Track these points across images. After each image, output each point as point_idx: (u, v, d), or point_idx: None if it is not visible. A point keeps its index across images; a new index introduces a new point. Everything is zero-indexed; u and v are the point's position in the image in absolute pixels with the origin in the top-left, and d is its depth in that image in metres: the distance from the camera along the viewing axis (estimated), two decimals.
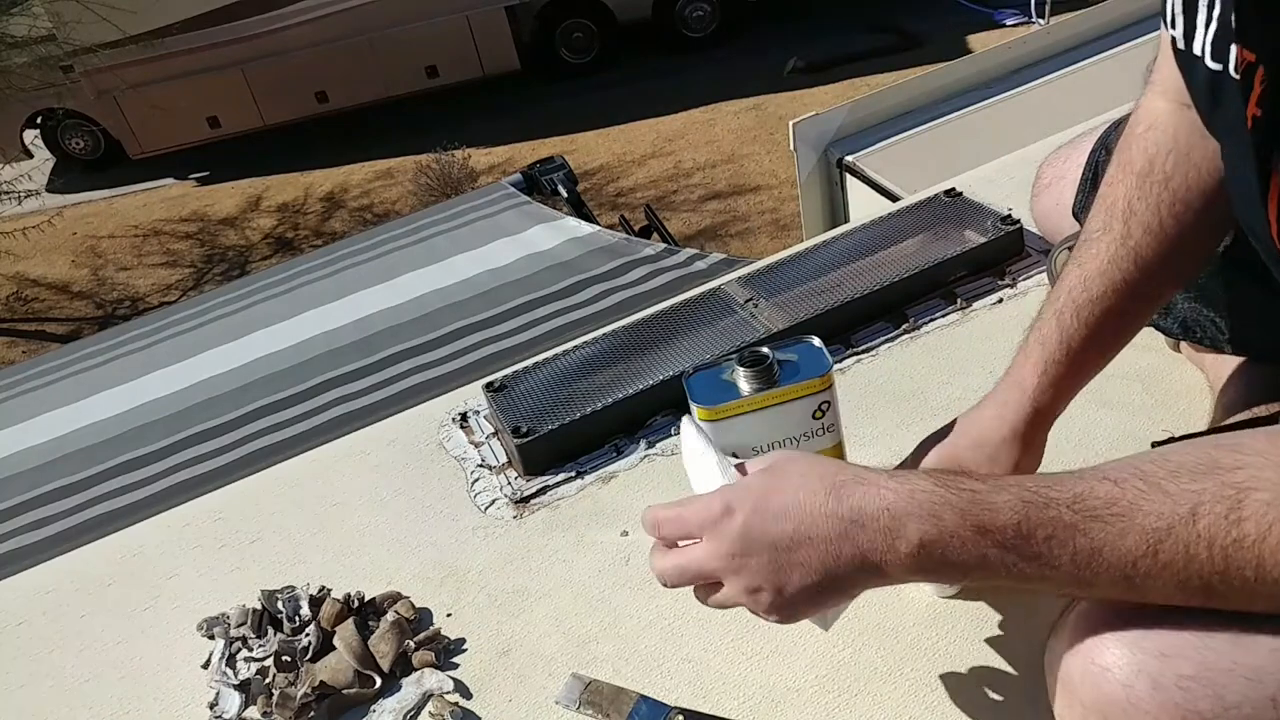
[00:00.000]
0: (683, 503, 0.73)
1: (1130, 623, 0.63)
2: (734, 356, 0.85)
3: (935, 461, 0.88)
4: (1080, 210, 1.10)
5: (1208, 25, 0.66)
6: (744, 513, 0.68)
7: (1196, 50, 0.68)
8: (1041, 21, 7.00)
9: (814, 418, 0.86)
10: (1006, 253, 1.33)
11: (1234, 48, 0.62)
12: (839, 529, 0.66)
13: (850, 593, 0.70)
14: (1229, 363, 0.98)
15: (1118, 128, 1.07)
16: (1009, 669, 0.84)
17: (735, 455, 0.84)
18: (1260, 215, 0.59)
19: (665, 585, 0.74)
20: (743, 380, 0.84)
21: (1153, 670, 0.61)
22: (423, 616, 1.01)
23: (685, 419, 0.83)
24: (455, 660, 0.96)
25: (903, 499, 0.64)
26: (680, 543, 0.73)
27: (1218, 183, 0.80)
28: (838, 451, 0.88)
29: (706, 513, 0.70)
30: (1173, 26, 0.71)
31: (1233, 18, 0.61)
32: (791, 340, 0.88)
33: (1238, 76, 0.60)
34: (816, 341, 0.88)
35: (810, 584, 0.67)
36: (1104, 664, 0.63)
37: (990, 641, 0.87)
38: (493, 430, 1.25)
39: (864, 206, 2.01)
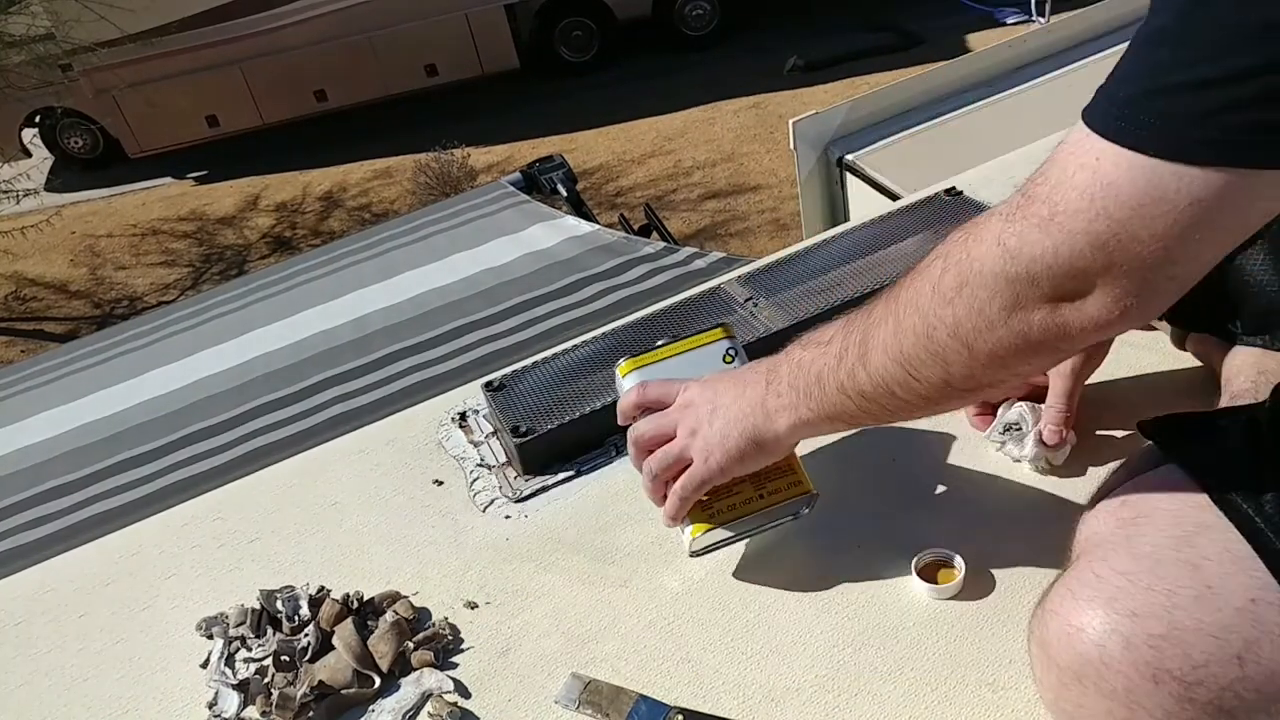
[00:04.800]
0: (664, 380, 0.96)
1: (1105, 585, 0.65)
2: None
3: None
4: None
5: None
6: (695, 384, 0.92)
7: None
8: (1042, 20, 7.00)
9: (725, 361, 0.98)
10: None
11: None
12: (757, 379, 0.87)
13: (762, 439, 0.86)
14: (1238, 354, 0.97)
15: None
16: (1009, 669, 0.84)
17: None
18: None
19: (639, 443, 0.93)
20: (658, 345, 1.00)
21: (1125, 630, 0.63)
22: (422, 616, 1.00)
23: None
24: (454, 660, 0.95)
25: (778, 359, 0.85)
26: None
27: None
28: None
29: (685, 381, 0.93)
30: None
31: None
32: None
33: None
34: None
35: (729, 428, 0.87)
36: (1078, 624, 0.65)
37: (990, 641, 0.87)
38: (492, 429, 1.25)
39: (864, 205, 2.01)
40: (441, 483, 1.18)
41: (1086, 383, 1.01)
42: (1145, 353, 1.11)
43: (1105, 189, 0.59)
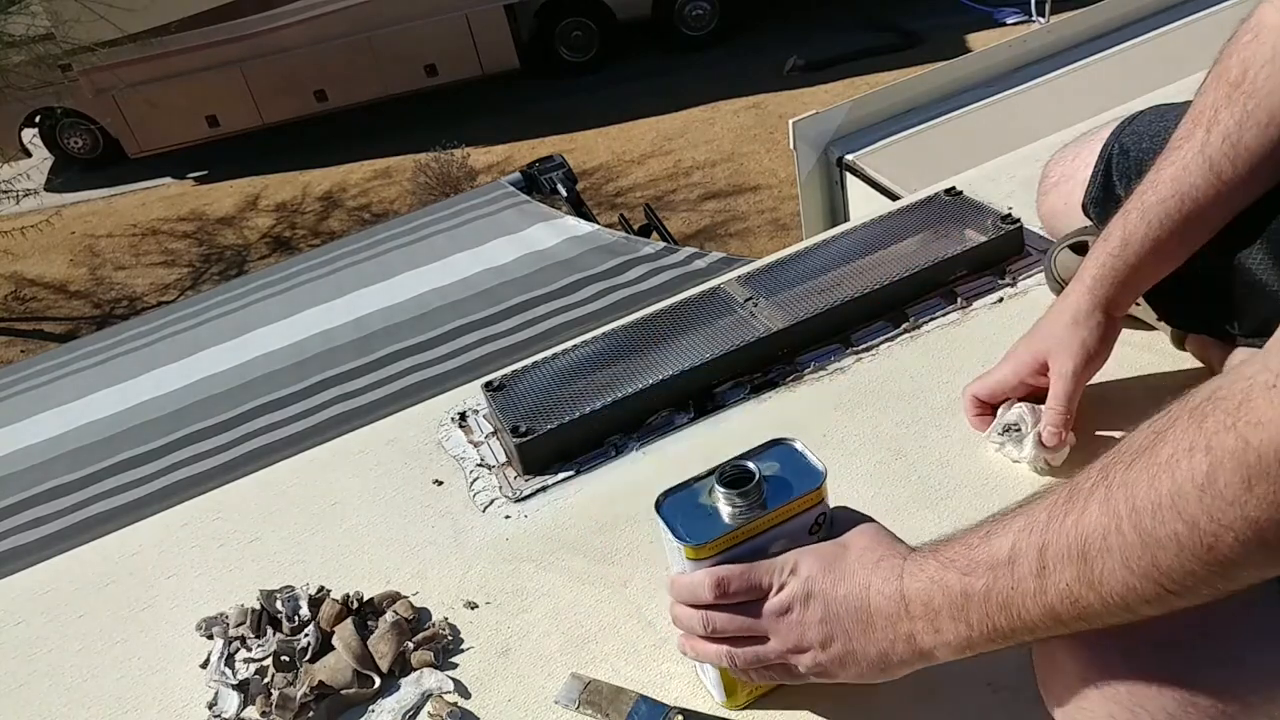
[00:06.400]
0: (750, 564, 0.76)
1: None
2: (708, 475, 0.76)
3: (1021, 350, 1.00)
4: (1091, 204, 1.10)
5: None
6: (807, 572, 0.73)
7: None
8: (1041, 20, 7.00)
9: (810, 533, 0.77)
10: (1007, 252, 1.33)
11: None
12: (892, 609, 0.70)
13: (895, 669, 0.72)
14: (1237, 355, 0.97)
15: (1131, 124, 1.07)
16: (1009, 669, 0.84)
17: None
18: None
19: (708, 631, 0.76)
20: (725, 503, 0.75)
21: (1127, 632, 0.62)
22: (422, 616, 1.00)
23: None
24: (454, 660, 0.96)
25: (922, 581, 0.68)
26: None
27: None
28: None
29: (778, 568, 0.74)
30: None
31: None
32: (767, 445, 0.79)
33: None
34: (798, 444, 0.79)
35: (857, 652, 0.72)
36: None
37: None
38: (491, 429, 1.25)
39: (864, 205, 2.01)
40: (441, 483, 1.18)
41: (1090, 383, 1.01)
42: (1145, 353, 1.11)
43: None
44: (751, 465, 0.76)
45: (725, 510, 0.75)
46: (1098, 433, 1.03)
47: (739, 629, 0.76)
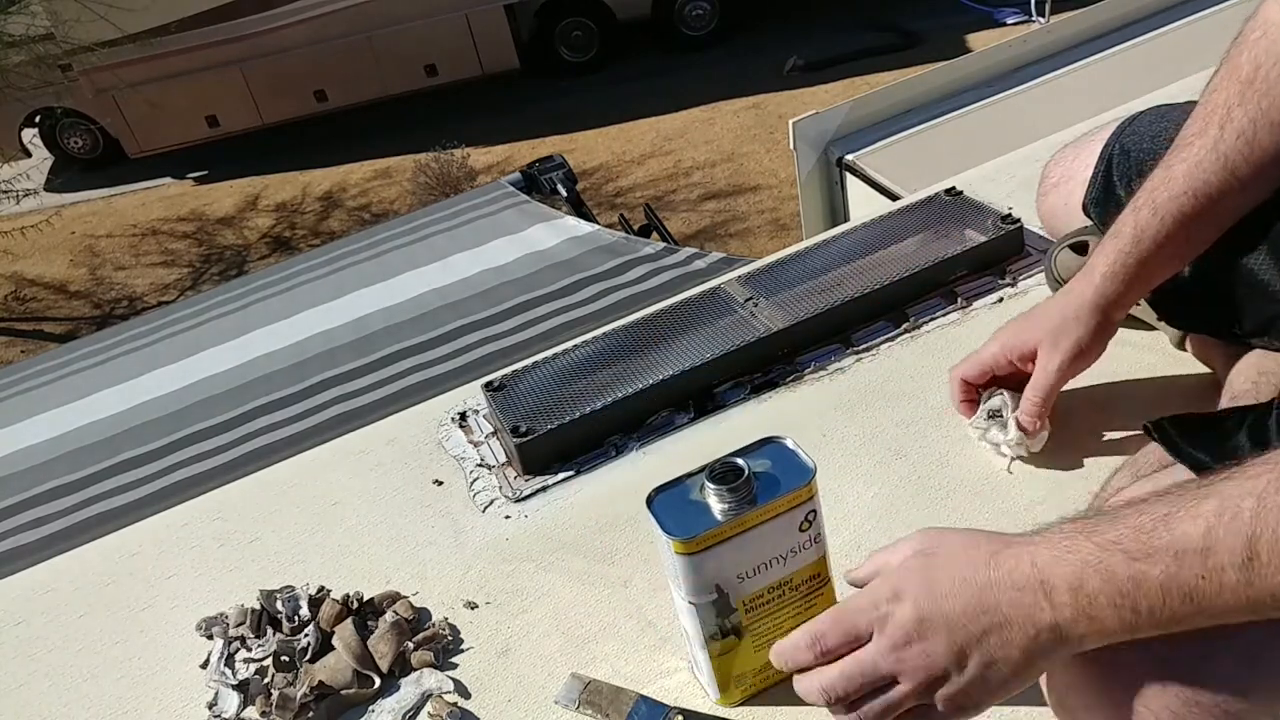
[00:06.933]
0: (839, 606, 0.71)
1: None
2: (700, 473, 0.77)
3: (1012, 332, 1.00)
4: (1091, 204, 1.10)
5: None
6: (912, 595, 0.66)
7: None
8: (1042, 20, 6.99)
9: (800, 530, 0.77)
10: (1007, 252, 1.33)
11: None
12: (1028, 601, 0.63)
13: (1041, 665, 0.65)
14: (1238, 355, 0.97)
15: (1131, 124, 1.07)
16: None
17: (716, 590, 0.77)
18: None
19: (829, 702, 0.69)
20: (715, 499, 0.76)
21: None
22: (422, 616, 1.00)
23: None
24: (454, 660, 0.96)
25: (1072, 565, 0.62)
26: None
27: None
28: (823, 564, 0.80)
29: (872, 604, 0.68)
30: None
31: None
32: (759, 443, 0.80)
33: None
34: (789, 442, 0.79)
35: (998, 659, 0.64)
36: None
37: None
38: (492, 430, 1.25)
39: (864, 205, 2.01)
40: (441, 483, 1.19)
41: (1090, 384, 1.01)
42: (1145, 353, 1.11)
43: None
44: (741, 462, 0.77)
45: (715, 506, 0.76)
46: (1099, 432, 1.03)
47: (861, 682, 0.68)
